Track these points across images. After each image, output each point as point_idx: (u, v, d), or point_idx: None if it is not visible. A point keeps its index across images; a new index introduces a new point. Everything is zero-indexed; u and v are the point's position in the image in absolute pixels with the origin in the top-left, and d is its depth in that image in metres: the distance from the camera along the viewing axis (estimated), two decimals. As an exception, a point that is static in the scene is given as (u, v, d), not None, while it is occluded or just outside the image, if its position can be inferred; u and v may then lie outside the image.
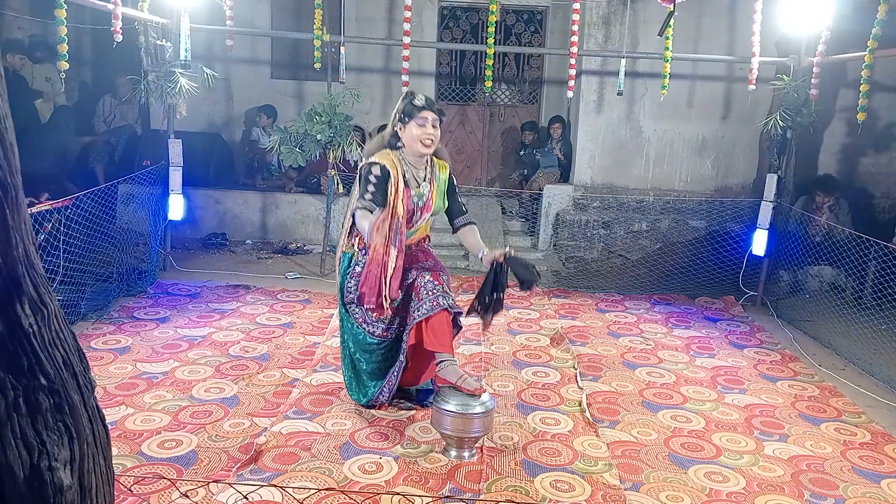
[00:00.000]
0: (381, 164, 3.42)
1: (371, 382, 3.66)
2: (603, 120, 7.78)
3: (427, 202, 3.53)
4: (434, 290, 3.41)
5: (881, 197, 7.89)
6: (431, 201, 3.54)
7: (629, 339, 5.19)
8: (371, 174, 3.40)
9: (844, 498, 3.14)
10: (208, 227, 7.56)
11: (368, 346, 3.60)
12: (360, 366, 3.66)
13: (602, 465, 3.27)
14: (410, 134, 3.42)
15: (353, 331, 3.62)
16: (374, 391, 3.63)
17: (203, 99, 7.03)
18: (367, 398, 3.67)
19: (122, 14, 5.07)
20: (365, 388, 3.68)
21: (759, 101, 7.19)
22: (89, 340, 4.48)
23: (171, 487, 2.83)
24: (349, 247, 3.61)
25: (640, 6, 7.39)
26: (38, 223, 4.45)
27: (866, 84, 5.48)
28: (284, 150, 6.13)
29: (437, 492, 2.96)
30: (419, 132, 3.41)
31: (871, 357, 4.95)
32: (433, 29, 8.31)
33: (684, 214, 7.59)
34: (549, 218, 7.66)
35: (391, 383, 3.60)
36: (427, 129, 3.41)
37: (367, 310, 3.49)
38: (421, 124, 3.40)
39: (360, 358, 3.64)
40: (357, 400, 3.73)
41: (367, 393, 3.66)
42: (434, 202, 3.56)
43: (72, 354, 1.50)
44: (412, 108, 3.41)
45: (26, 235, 1.42)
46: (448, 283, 3.51)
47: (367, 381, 3.67)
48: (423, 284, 3.43)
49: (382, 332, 3.56)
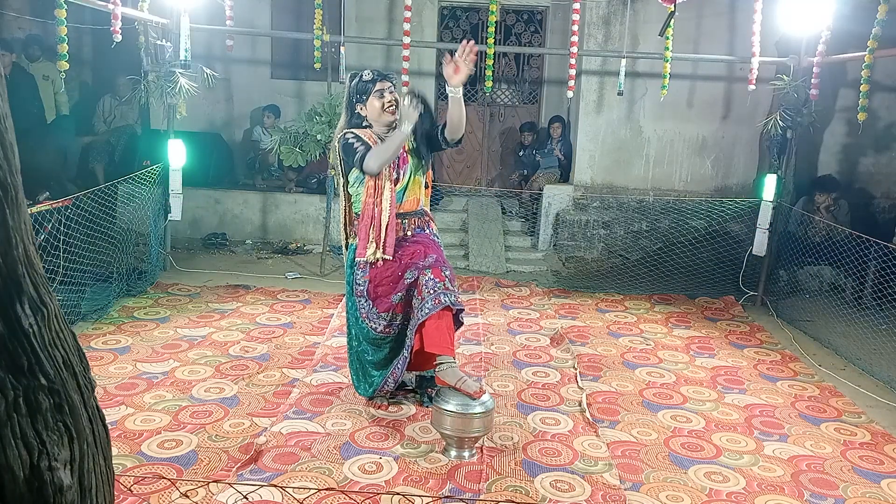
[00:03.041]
0: (353, 132, 3.47)
1: (376, 372, 3.70)
2: (603, 120, 7.78)
3: (402, 156, 3.52)
4: (435, 287, 3.42)
5: (881, 197, 7.89)
6: (406, 153, 3.52)
7: (629, 339, 5.19)
8: (347, 140, 3.45)
9: (844, 498, 3.14)
10: (208, 227, 7.56)
11: (373, 339, 3.64)
12: (365, 357, 3.70)
13: (602, 465, 3.27)
14: (373, 108, 3.49)
15: (358, 324, 3.65)
16: (380, 380, 3.67)
17: (203, 99, 7.02)
18: (372, 388, 3.70)
19: (121, 14, 5.07)
20: (371, 377, 3.71)
21: (759, 101, 7.18)
22: (89, 340, 4.48)
23: (171, 487, 2.83)
24: (352, 236, 3.63)
25: (640, 6, 7.39)
26: (38, 223, 4.45)
27: (866, 84, 5.48)
28: (284, 150, 6.14)
29: (437, 492, 2.96)
30: (379, 103, 3.47)
31: (871, 357, 4.95)
32: (433, 29, 8.31)
33: (684, 214, 7.59)
34: (549, 218, 7.66)
35: (395, 374, 3.63)
36: (387, 97, 3.48)
37: (373, 306, 3.55)
38: (379, 96, 3.47)
39: (366, 349, 3.68)
40: (364, 393, 3.74)
41: (373, 383, 3.70)
42: (409, 155, 3.53)
43: (72, 354, 1.50)
44: (365, 85, 3.47)
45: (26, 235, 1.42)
46: (451, 278, 3.51)
47: (371, 370, 3.71)
48: (424, 283, 3.44)
49: (384, 328, 3.58)
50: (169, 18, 5.92)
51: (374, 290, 3.55)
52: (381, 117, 3.50)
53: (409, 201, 3.60)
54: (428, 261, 3.51)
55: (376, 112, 3.49)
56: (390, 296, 3.53)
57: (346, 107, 3.56)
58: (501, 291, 6.27)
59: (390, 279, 3.52)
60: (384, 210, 3.45)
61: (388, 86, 3.50)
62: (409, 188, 3.59)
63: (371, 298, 3.56)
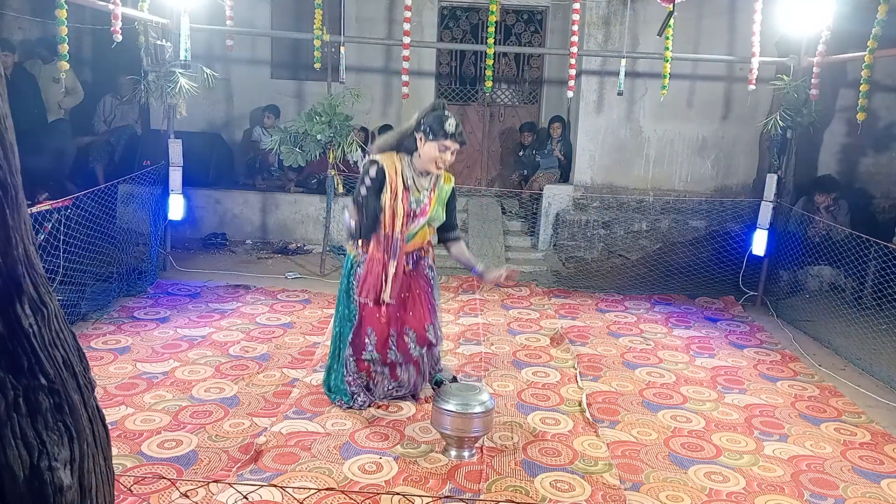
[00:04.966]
0: (379, 165, 3.42)
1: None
2: (603, 120, 7.78)
3: (423, 207, 3.52)
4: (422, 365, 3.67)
5: (881, 197, 7.89)
6: (429, 207, 3.53)
7: (629, 339, 5.19)
8: (368, 174, 3.42)
9: (844, 498, 3.14)
10: (208, 227, 7.56)
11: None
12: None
13: (602, 465, 3.27)
14: (428, 152, 3.40)
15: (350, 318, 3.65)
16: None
17: (203, 99, 7.02)
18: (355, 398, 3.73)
19: (122, 14, 5.07)
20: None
21: (759, 101, 7.19)
22: (89, 340, 4.48)
23: (171, 487, 2.83)
24: (355, 252, 3.62)
25: (640, 6, 7.39)
26: (38, 223, 4.45)
27: (866, 84, 5.48)
28: (284, 150, 6.13)
29: (437, 492, 2.96)
30: (436, 155, 3.40)
31: (871, 357, 4.95)
32: (433, 29, 8.31)
33: (684, 214, 7.59)
34: (549, 218, 7.66)
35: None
36: (445, 155, 3.41)
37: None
38: (442, 150, 3.39)
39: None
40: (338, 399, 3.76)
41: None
42: (432, 209, 3.55)
43: (72, 354, 1.50)
44: (440, 131, 3.36)
45: (26, 235, 1.42)
46: (435, 330, 3.66)
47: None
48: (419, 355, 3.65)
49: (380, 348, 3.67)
50: (169, 18, 5.92)
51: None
52: (428, 164, 3.44)
53: (415, 243, 3.62)
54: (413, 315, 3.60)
55: (427, 157, 3.42)
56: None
57: (414, 122, 3.46)
58: (501, 291, 6.27)
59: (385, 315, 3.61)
60: (390, 271, 3.47)
61: (456, 148, 3.42)
62: (419, 233, 3.60)
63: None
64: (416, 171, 3.47)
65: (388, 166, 3.43)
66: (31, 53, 7.37)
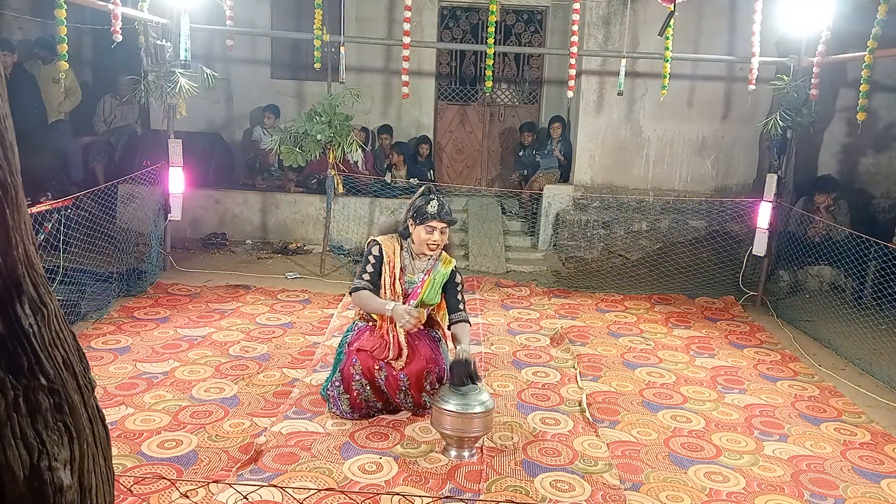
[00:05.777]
0: (379, 246, 3.57)
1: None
2: (603, 120, 7.78)
3: (415, 290, 3.55)
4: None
5: (881, 197, 7.89)
6: (420, 290, 3.54)
7: (629, 339, 5.19)
8: (371, 254, 3.58)
9: (844, 498, 3.14)
10: (208, 227, 7.56)
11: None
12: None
13: (602, 465, 3.27)
14: (418, 235, 3.52)
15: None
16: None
17: (203, 99, 7.03)
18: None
19: (122, 14, 5.07)
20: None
21: (759, 101, 7.19)
22: (89, 340, 4.48)
23: (171, 487, 2.83)
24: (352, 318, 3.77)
25: (640, 6, 7.39)
26: (38, 223, 4.45)
27: (866, 84, 5.48)
28: (284, 150, 6.13)
29: (437, 492, 2.96)
30: (426, 237, 3.51)
31: (871, 357, 4.95)
32: (433, 29, 8.31)
33: (684, 214, 7.59)
34: (549, 218, 7.66)
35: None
36: (434, 236, 3.50)
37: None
38: (429, 231, 3.50)
39: None
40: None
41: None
42: (423, 292, 3.54)
43: (72, 354, 1.50)
44: (424, 214, 3.48)
45: (26, 235, 1.42)
46: (437, 373, 3.53)
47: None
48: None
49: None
50: (169, 18, 5.92)
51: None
52: (420, 247, 3.54)
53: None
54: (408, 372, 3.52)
55: (419, 241, 3.53)
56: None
57: (406, 212, 3.58)
58: (501, 291, 6.27)
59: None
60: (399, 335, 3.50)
61: (443, 227, 3.51)
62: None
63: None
64: (413, 254, 3.59)
65: (387, 247, 3.57)
66: (31, 53, 7.37)
